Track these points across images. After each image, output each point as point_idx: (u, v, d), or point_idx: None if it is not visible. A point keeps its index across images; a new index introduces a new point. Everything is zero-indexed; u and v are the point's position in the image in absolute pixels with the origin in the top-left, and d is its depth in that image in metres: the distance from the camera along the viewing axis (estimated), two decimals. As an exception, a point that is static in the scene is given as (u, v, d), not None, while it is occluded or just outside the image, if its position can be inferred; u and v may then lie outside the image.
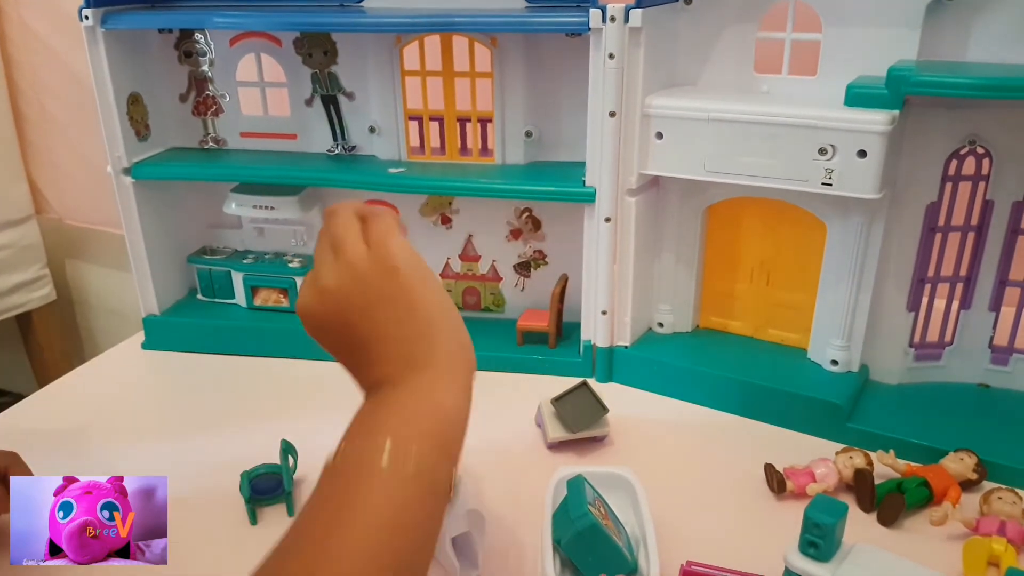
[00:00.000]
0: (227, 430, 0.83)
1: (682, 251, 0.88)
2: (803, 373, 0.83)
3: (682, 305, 0.90)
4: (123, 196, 0.93)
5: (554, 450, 0.78)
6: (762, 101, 0.76)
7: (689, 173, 0.79)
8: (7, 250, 1.43)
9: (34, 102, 1.44)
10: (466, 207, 0.96)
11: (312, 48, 0.92)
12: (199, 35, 0.94)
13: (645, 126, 0.79)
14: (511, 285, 1.00)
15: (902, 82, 0.68)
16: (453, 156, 0.93)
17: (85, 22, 0.86)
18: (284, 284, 0.98)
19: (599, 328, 0.88)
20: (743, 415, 0.83)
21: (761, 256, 0.86)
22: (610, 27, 0.75)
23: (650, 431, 0.81)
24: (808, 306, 0.84)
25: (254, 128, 0.98)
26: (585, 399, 0.77)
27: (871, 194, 0.71)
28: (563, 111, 0.90)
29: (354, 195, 0.97)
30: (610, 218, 0.83)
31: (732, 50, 0.81)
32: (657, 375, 0.87)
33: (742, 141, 0.75)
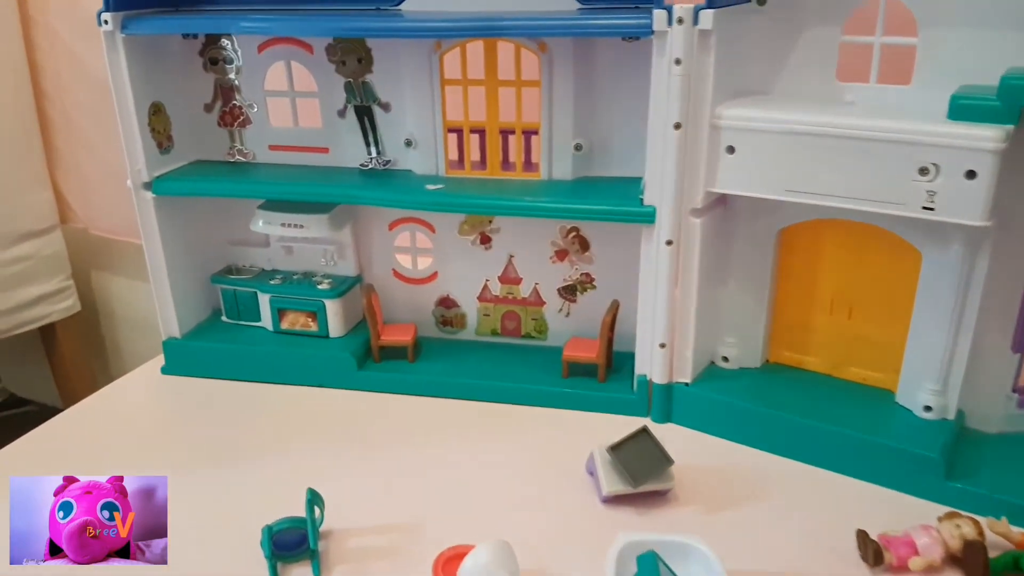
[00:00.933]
0: (249, 468, 0.76)
1: (751, 277, 0.79)
2: (891, 419, 0.74)
3: (750, 337, 0.81)
4: (143, 212, 0.87)
5: (610, 505, 0.69)
6: (849, 113, 0.67)
7: (764, 192, 0.70)
8: (30, 260, 1.39)
9: (60, 108, 1.40)
10: (507, 226, 0.89)
11: (345, 55, 0.84)
12: (225, 41, 0.88)
13: (714, 139, 0.70)
14: (555, 310, 0.92)
15: (1020, 93, 0.58)
16: (495, 171, 0.85)
17: (104, 27, 0.80)
18: (313, 307, 0.91)
19: (656, 362, 0.80)
20: (821, 466, 0.74)
21: (842, 285, 0.77)
22: (677, 30, 0.67)
23: (718, 484, 0.72)
24: (896, 343, 0.75)
25: (283, 141, 0.91)
26: (647, 448, 0.68)
27: (979, 220, 0.62)
28: (616, 122, 0.82)
29: (388, 213, 0.90)
30: (671, 240, 0.74)
31: (812, 55, 0.72)
32: (722, 416, 0.78)
33: (827, 157, 0.66)
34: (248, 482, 0.74)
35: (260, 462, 0.77)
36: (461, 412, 0.85)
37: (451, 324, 0.95)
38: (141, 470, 0.74)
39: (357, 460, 0.77)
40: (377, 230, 0.92)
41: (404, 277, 0.94)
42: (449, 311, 0.94)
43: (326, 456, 0.77)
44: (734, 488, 0.72)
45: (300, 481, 0.69)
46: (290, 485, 0.70)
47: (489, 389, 0.86)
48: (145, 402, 0.90)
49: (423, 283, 0.94)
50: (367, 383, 0.89)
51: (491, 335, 0.95)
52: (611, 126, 0.82)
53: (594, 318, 0.87)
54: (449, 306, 0.94)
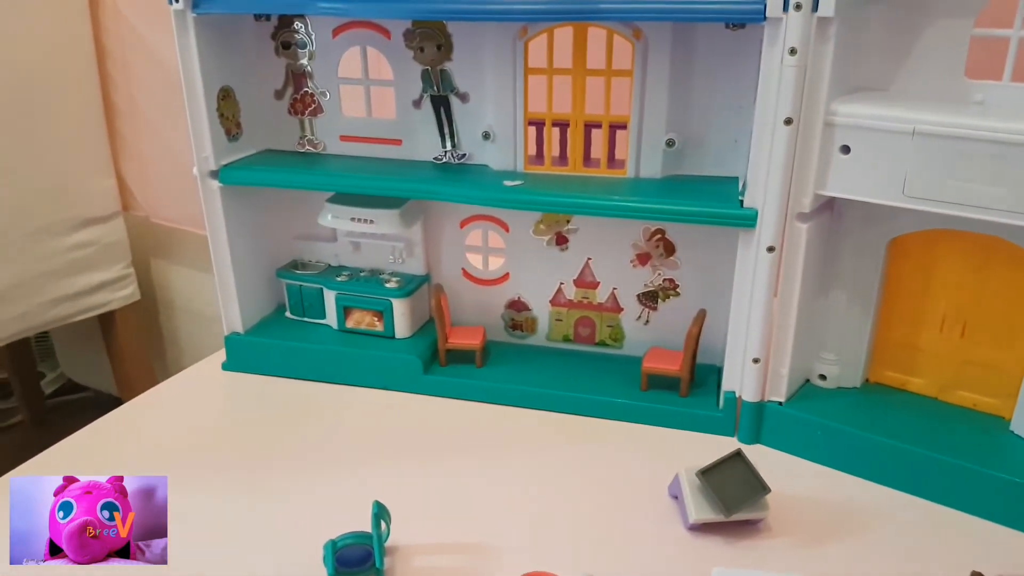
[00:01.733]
0: (311, 476, 0.72)
1: (856, 290, 0.73)
2: (1005, 449, 0.67)
3: (851, 355, 0.75)
4: (209, 202, 0.84)
5: (696, 533, 0.64)
6: (981, 113, 0.61)
7: (882, 197, 0.64)
8: (92, 247, 1.38)
9: (125, 94, 1.39)
10: (586, 226, 0.84)
11: (424, 42, 0.80)
12: (299, 24, 0.84)
13: (827, 137, 0.64)
14: (633, 317, 0.87)
15: None
16: (577, 167, 0.80)
17: (175, 5, 0.77)
18: (380, 306, 0.87)
19: (747, 378, 0.74)
20: (928, 498, 0.67)
21: (957, 302, 0.71)
22: (793, 16, 0.61)
23: (814, 514, 0.66)
24: (1013, 367, 0.68)
25: (355, 131, 0.87)
26: (740, 474, 0.63)
27: None
28: (713, 117, 0.76)
29: (460, 210, 0.86)
30: (773, 247, 0.69)
31: (937, 50, 0.66)
32: (818, 440, 0.72)
33: (957, 162, 0.60)
34: (310, 491, 0.70)
35: (322, 469, 0.73)
36: (531, 422, 0.80)
37: (521, 328, 0.91)
38: (198, 471, 0.72)
39: (422, 470, 0.73)
40: (448, 227, 0.88)
41: (474, 278, 0.90)
42: (520, 314, 0.90)
43: (390, 464, 0.73)
44: (832, 519, 0.66)
45: (363, 491, 0.66)
46: (354, 496, 0.67)
47: (561, 399, 0.81)
48: (205, 399, 0.87)
49: (494, 284, 0.89)
50: (433, 387, 0.85)
51: (563, 341, 0.90)
52: (707, 122, 0.76)
53: (675, 327, 0.82)
54: (520, 309, 0.90)
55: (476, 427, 0.79)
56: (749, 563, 0.61)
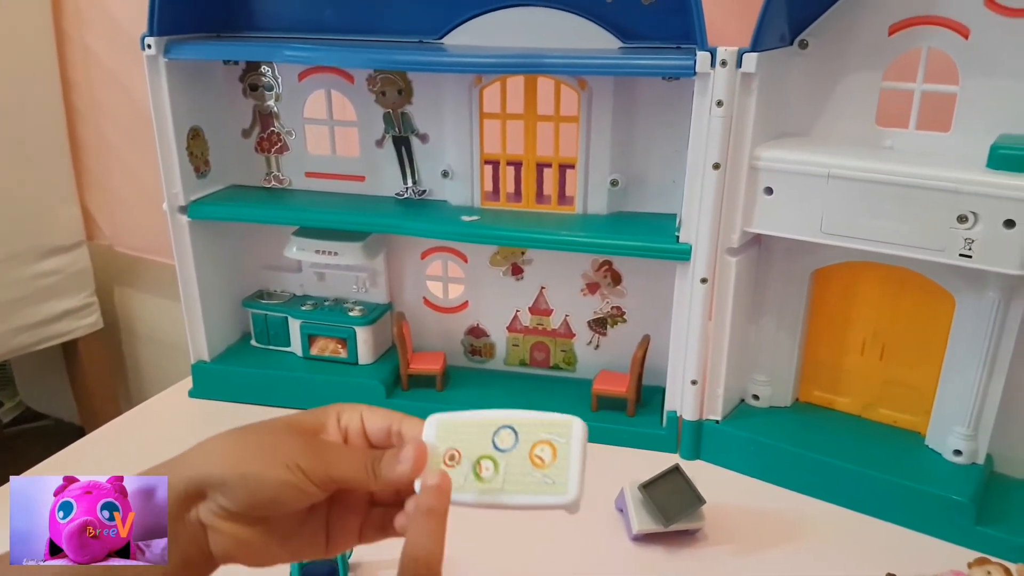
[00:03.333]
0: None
1: (784, 317, 0.79)
2: (921, 463, 0.74)
3: (781, 377, 0.81)
4: (178, 235, 0.88)
5: (639, 543, 0.69)
6: (889, 158, 0.68)
7: (802, 234, 0.70)
8: (56, 276, 1.40)
9: (92, 126, 1.41)
10: (540, 257, 0.89)
11: (386, 86, 0.86)
12: (266, 68, 0.89)
13: (752, 180, 0.71)
14: (584, 342, 0.92)
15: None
16: (530, 204, 0.86)
17: (147, 51, 0.81)
18: (343, 334, 0.92)
19: (687, 399, 0.80)
20: (851, 508, 0.73)
21: (875, 327, 0.77)
22: (720, 72, 0.68)
23: (747, 524, 0.72)
24: (928, 386, 0.75)
25: (320, 168, 0.92)
26: (678, 487, 0.68)
27: (1017, 269, 0.62)
28: (653, 159, 0.82)
29: (421, 242, 0.91)
30: (706, 279, 0.75)
31: (851, 100, 0.73)
32: (752, 455, 0.78)
33: (867, 202, 0.66)
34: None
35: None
36: (489, 442, 0.85)
37: (480, 354, 0.95)
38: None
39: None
40: (410, 258, 0.93)
41: (435, 306, 0.95)
42: (478, 340, 0.95)
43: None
44: (764, 528, 0.72)
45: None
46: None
47: (517, 420, 0.86)
48: (174, 426, 0.90)
49: (454, 312, 0.94)
50: (395, 411, 0.89)
51: (520, 365, 0.95)
52: (647, 163, 0.82)
53: (624, 352, 0.88)
54: (479, 335, 0.95)
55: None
56: (688, 569, 0.66)
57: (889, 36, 0.70)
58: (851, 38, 0.71)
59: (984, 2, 0.66)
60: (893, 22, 0.70)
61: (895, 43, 0.70)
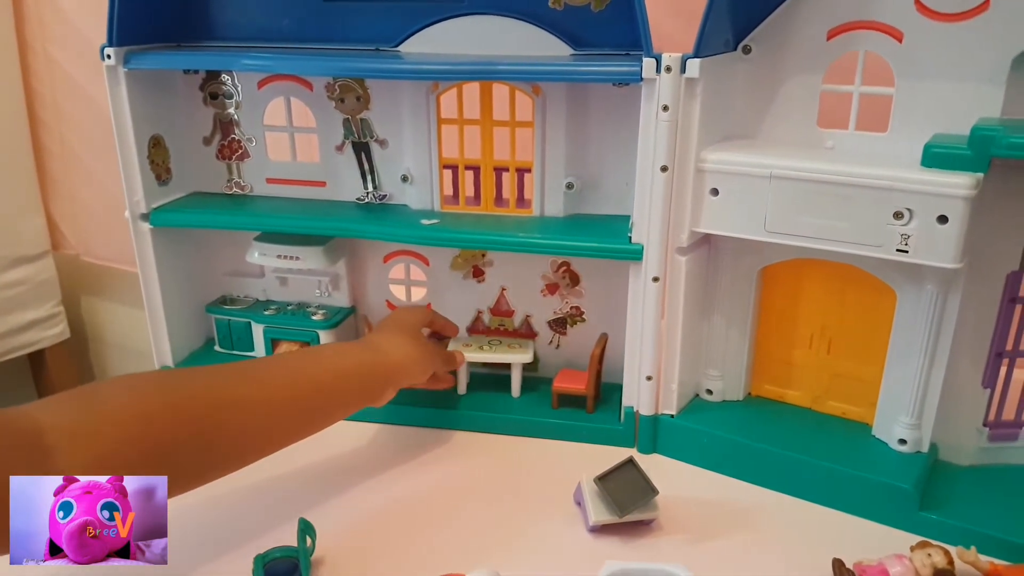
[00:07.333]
0: (240, 497, 0.77)
1: (734, 314, 0.81)
2: (868, 453, 0.76)
3: (733, 371, 0.84)
4: (140, 243, 0.89)
5: (596, 534, 0.71)
6: (829, 159, 0.70)
7: (747, 233, 0.73)
8: (21, 287, 1.40)
9: (56, 135, 1.41)
10: (500, 259, 0.91)
11: (344, 93, 0.87)
12: (226, 76, 0.90)
13: (699, 182, 0.73)
14: (545, 342, 0.94)
15: (989, 143, 0.62)
16: (488, 207, 0.88)
17: (107, 61, 0.82)
18: (306, 337, 0.93)
19: (643, 394, 0.82)
20: (801, 497, 0.76)
21: (822, 322, 0.80)
22: (665, 78, 0.70)
23: (701, 514, 0.74)
24: (874, 378, 0.77)
25: (281, 174, 0.93)
26: (632, 478, 0.70)
27: (951, 263, 0.65)
28: (607, 162, 0.85)
29: (383, 246, 0.92)
30: (658, 277, 0.77)
31: (794, 103, 0.76)
32: (706, 448, 0.81)
33: (808, 201, 0.69)
34: (239, 511, 0.75)
35: (251, 491, 0.78)
36: (451, 441, 0.86)
37: (442, 355, 0.97)
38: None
39: (346, 488, 0.78)
40: (372, 262, 0.94)
41: (397, 308, 0.96)
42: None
43: (315, 484, 0.78)
44: (717, 518, 0.74)
45: (292, 509, 0.71)
46: (282, 513, 0.72)
47: (479, 419, 0.88)
48: (138, 429, 0.90)
49: (416, 314, 0.96)
50: (360, 413, 0.90)
51: (482, 366, 0.96)
52: (602, 166, 0.85)
53: (584, 351, 0.90)
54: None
55: (397, 447, 0.85)
56: (642, 557, 0.68)
57: (828, 40, 0.73)
58: (792, 43, 0.74)
59: (916, 7, 0.69)
60: (831, 27, 0.72)
61: (833, 47, 0.73)
